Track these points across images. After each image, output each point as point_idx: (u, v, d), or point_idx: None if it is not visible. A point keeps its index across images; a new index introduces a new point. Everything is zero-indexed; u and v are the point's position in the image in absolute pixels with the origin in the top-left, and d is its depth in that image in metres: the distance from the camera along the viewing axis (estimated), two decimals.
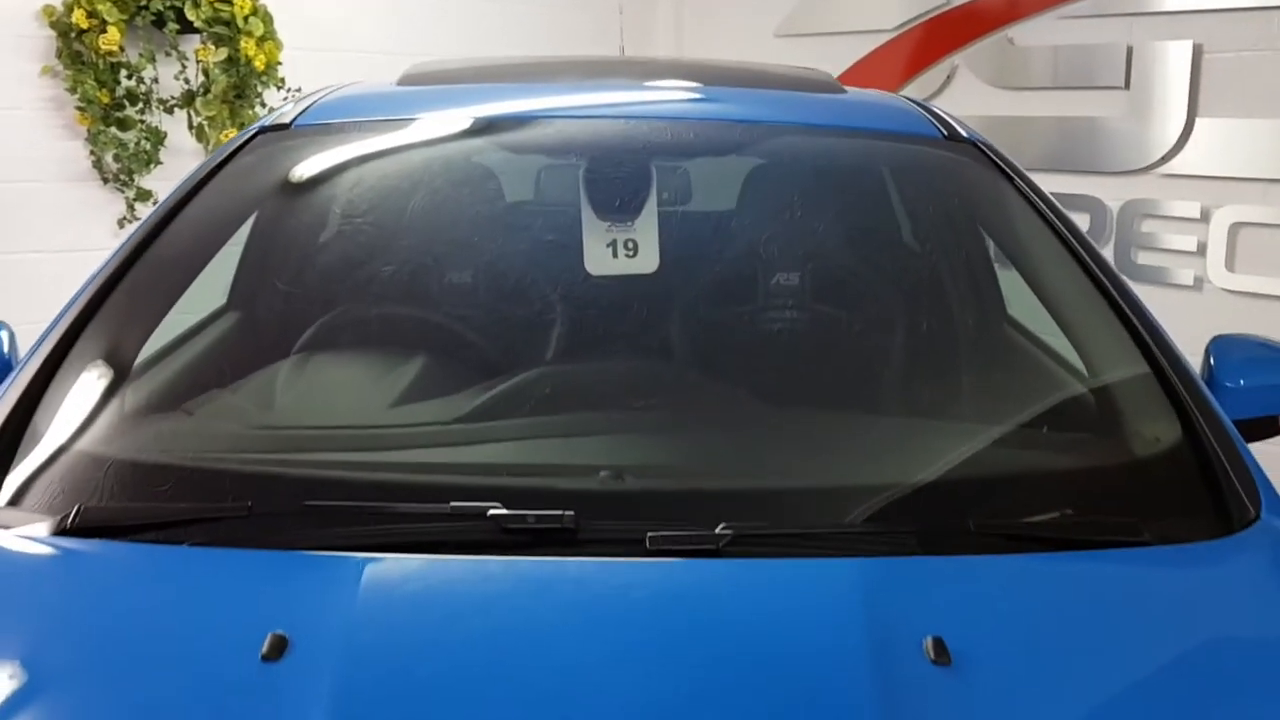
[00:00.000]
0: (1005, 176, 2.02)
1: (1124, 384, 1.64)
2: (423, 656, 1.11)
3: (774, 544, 1.28)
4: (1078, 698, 1.11)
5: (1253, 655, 1.21)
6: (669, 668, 1.11)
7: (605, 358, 1.75)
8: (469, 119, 2.05)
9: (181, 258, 1.87)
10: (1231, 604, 1.28)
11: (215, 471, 1.44)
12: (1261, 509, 1.42)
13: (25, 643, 1.17)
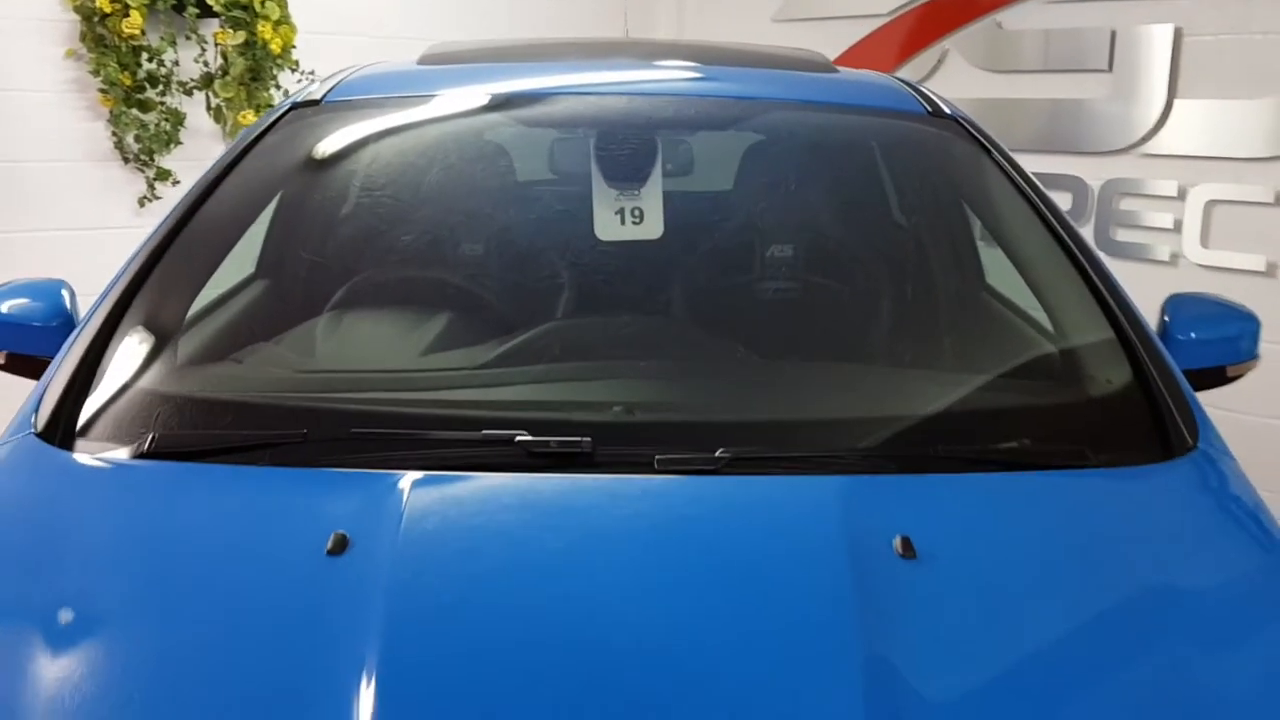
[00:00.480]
0: (985, 151, 2.19)
1: (1084, 334, 1.82)
2: (462, 552, 1.29)
3: (765, 465, 1.46)
4: (1025, 586, 1.29)
5: (1175, 551, 1.40)
6: (674, 564, 1.29)
7: (617, 311, 1.93)
8: (486, 95, 2.22)
9: (225, 222, 2.03)
10: (1161, 513, 1.47)
11: (272, 406, 1.62)
12: (1199, 441, 1.60)
13: (118, 544, 1.36)
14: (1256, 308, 3.90)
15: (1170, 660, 1.22)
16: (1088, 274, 1.89)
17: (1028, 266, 2.01)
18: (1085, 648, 1.22)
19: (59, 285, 2.01)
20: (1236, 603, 1.33)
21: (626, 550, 1.31)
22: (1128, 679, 1.19)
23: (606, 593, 1.23)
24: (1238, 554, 1.42)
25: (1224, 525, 1.48)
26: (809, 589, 1.23)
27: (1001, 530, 1.38)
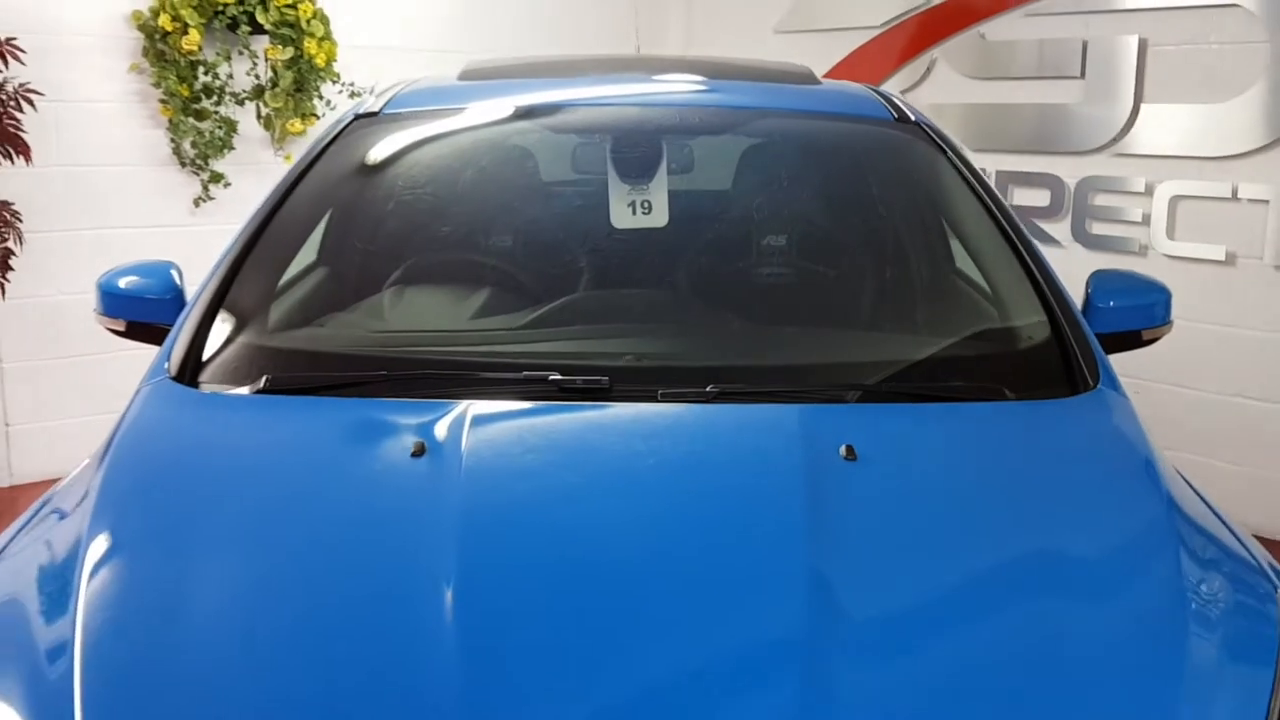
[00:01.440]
0: (940, 150, 2.58)
1: (1014, 300, 2.21)
2: (512, 453, 1.70)
3: (744, 398, 1.86)
4: (941, 480, 1.69)
5: (1065, 460, 1.80)
6: (673, 464, 1.70)
7: (629, 284, 2.35)
8: (519, 107, 2.62)
9: (304, 214, 2.44)
10: (1058, 432, 1.86)
11: (357, 355, 2.04)
12: (1100, 383, 2.00)
13: (246, 453, 1.77)
14: (1217, 293, 4.29)
15: (1053, 535, 1.62)
16: (1020, 252, 2.28)
17: (973, 246, 2.41)
18: (985, 525, 1.61)
19: (169, 265, 2.42)
20: (1110, 497, 1.73)
21: (635, 457, 1.71)
22: (1017, 549, 1.59)
23: (618, 486, 1.64)
24: (1117, 464, 1.82)
25: (1108, 443, 1.87)
26: (774, 476, 1.64)
27: (927, 442, 1.78)
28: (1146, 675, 1.36)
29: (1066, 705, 1.31)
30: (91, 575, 1.47)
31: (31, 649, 1.37)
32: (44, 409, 4.80)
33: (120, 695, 1.31)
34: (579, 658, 1.33)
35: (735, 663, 1.33)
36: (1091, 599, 1.48)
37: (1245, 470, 4.38)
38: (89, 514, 1.59)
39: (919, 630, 1.41)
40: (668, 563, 1.49)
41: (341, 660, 1.34)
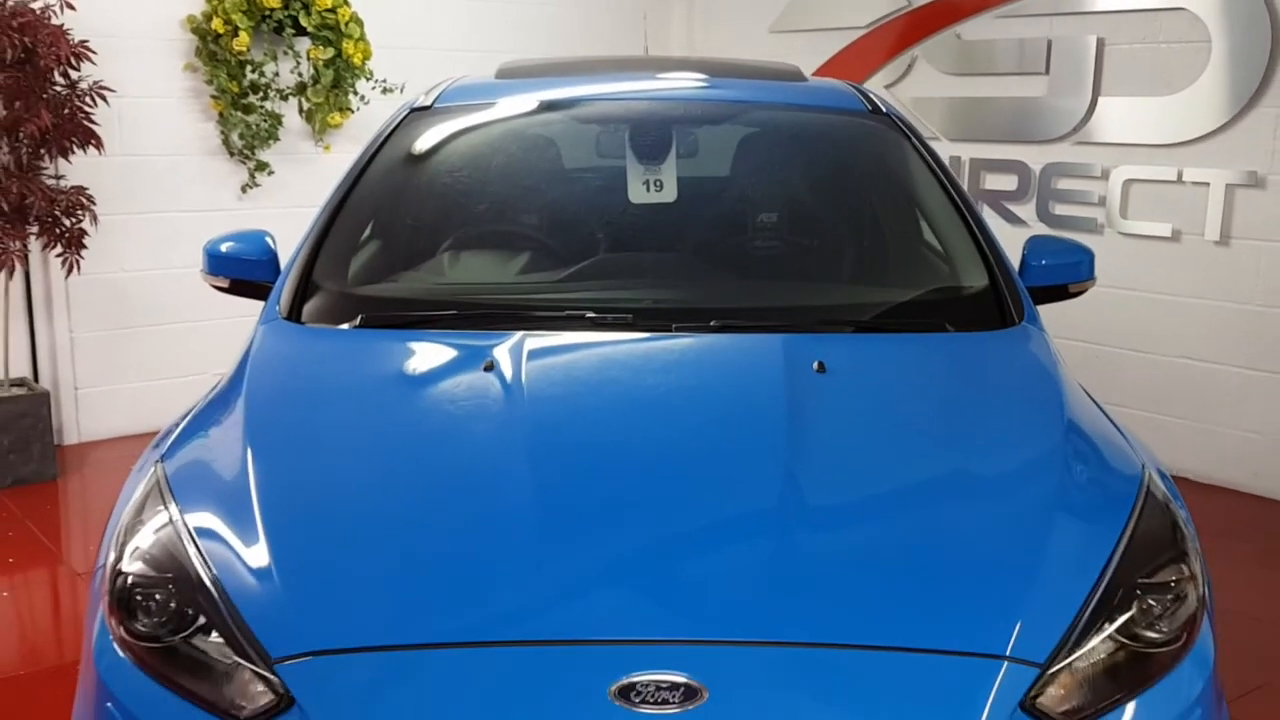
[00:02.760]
0: (906, 138, 3.07)
1: (961, 258, 2.71)
2: (560, 367, 2.21)
3: (739, 329, 2.36)
4: (891, 385, 2.20)
5: (988, 373, 2.31)
6: (684, 374, 2.21)
7: (645, 246, 2.85)
8: (550, 101, 3.12)
9: (373, 191, 2.93)
10: (986, 353, 2.37)
11: (429, 300, 2.55)
12: (1024, 319, 2.50)
13: (349, 371, 2.27)
14: (1164, 265, 4.77)
15: (973, 421, 2.13)
16: (967, 221, 2.78)
17: (930, 216, 2.90)
18: (921, 411, 2.13)
19: (264, 233, 2.91)
20: (1019, 395, 2.24)
21: (655, 369, 2.22)
22: (945, 428, 2.10)
23: (642, 389, 2.15)
24: (1027, 374, 2.33)
25: (1022, 360, 2.37)
26: (761, 382, 2.14)
27: (880, 359, 2.29)
28: (1034, 505, 1.87)
29: (973, 526, 1.82)
30: (252, 440, 1.98)
31: (221, 486, 1.89)
32: (108, 375, 5.30)
33: (286, 509, 1.82)
34: (618, 499, 1.83)
35: (728, 500, 1.83)
36: (998, 460, 1.99)
37: (1189, 423, 4.89)
38: (243, 407, 2.09)
39: (867, 485, 1.91)
40: (681, 439, 1.99)
41: (447, 494, 1.85)
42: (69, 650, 3.47)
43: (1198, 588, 1.82)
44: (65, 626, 3.65)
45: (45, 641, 3.58)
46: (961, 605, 1.67)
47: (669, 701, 1.50)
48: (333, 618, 1.64)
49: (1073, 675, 1.63)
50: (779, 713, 1.53)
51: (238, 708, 1.60)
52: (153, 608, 1.74)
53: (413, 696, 1.55)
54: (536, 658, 1.58)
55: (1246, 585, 3.89)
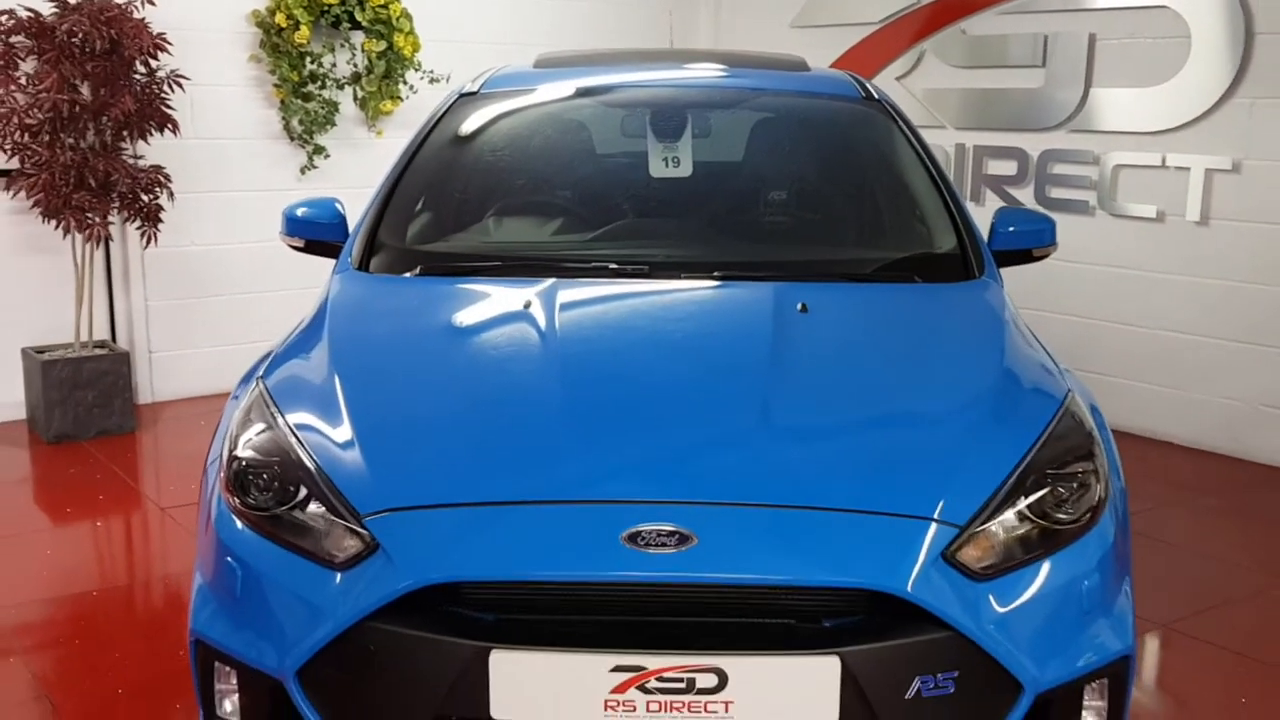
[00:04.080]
0: (895, 123, 3.49)
1: (936, 226, 3.14)
2: (588, 305, 2.65)
3: (740, 279, 2.80)
4: (864, 323, 2.64)
5: (949, 314, 2.74)
6: (691, 310, 2.66)
7: (663, 214, 3.30)
8: (582, 88, 3.56)
9: (428, 166, 3.38)
10: (945, 298, 2.80)
11: (479, 254, 3.01)
12: (984, 274, 2.93)
13: (419, 302, 2.74)
14: (1149, 244, 5.15)
15: (929, 346, 2.57)
16: (943, 193, 3.20)
17: (911, 191, 3.32)
18: (886, 336, 2.58)
19: (334, 200, 3.36)
20: (970, 328, 2.67)
21: (664, 309, 2.67)
22: (906, 347, 2.55)
23: (655, 321, 2.60)
24: (979, 313, 2.75)
25: (977, 303, 2.79)
26: (753, 317, 2.58)
27: (855, 302, 2.72)
28: (968, 410, 2.30)
29: (916, 424, 2.26)
30: (336, 359, 2.44)
31: (312, 392, 2.35)
32: (180, 340, 5.81)
33: (366, 407, 2.27)
34: (631, 398, 2.28)
35: (719, 401, 2.27)
36: (942, 377, 2.43)
37: (1172, 392, 5.27)
38: (327, 336, 2.56)
39: (832, 392, 2.35)
40: (683, 357, 2.44)
41: (494, 396, 2.30)
42: (157, 566, 3.97)
43: (1101, 481, 2.24)
44: (153, 548, 4.15)
45: (137, 560, 4.08)
46: (900, 481, 2.10)
47: (666, 545, 1.95)
48: (406, 484, 2.10)
49: (987, 538, 2.06)
50: (751, 555, 1.97)
51: (333, 556, 2.05)
52: (262, 484, 2.20)
53: (470, 538, 2.00)
54: (567, 513, 2.04)
55: (1211, 532, 4.29)
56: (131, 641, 3.37)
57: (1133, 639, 2.23)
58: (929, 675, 1.95)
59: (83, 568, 3.88)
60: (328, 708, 2.03)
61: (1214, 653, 3.29)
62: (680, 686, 1.92)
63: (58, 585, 3.68)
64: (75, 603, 3.56)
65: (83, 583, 3.72)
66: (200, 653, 2.25)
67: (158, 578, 3.83)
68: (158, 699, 3.00)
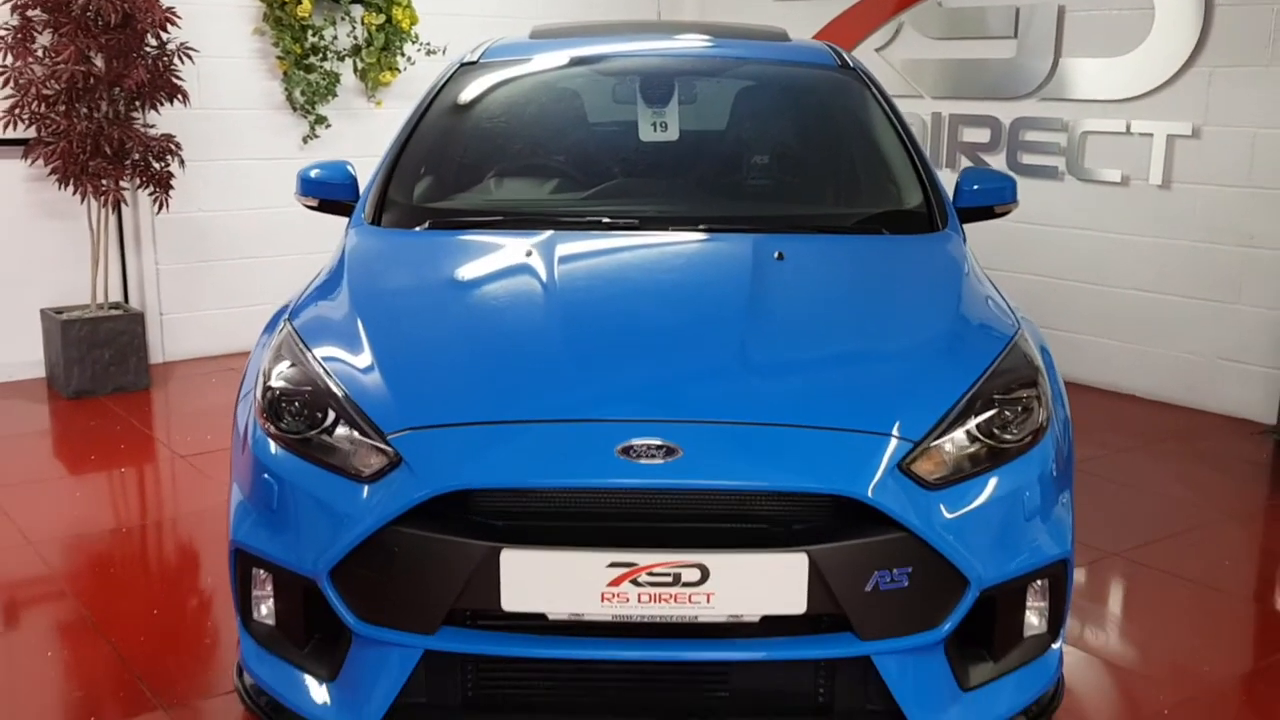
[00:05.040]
0: (869, 89, 3.74)
1: (905, 184, 3.40)
2: (584, 252, 2.91)
3: (723, 231, 3.06)
4: (834, 268, 2.91)
5: (912, 260, 3.01)
6: (677, 257, 2.92)
7: (651, 174, 3.55)
8: (576, 57, 3.81)
9: (432, 131, 3.63)
10: (910, 247, 3.07)
11: (482, 209, 3.27)
12: (947, 227, 3.20)
13: (430, 251, 3.00)
14: (1115, 207, 5.41)
15: (893, 285, 2.85)
16: (912, 156, 3.46)
17: (883, 152, 3.58)
18: (855, 278, 2.85)
19: (345, 163, 3.60)
20: (931, 270, 2.94)
21: (653, 256, 2.93)
22: (872, 285, 2.83)
23: (644, 266, 2.87)
24: (940, 259, 3.02)
25: (938, 252, 3.06)
26: (734, 263, 2.85)
27: (827, 251, 2.99)
28: (925, 342, 2.58)
29: (877, 353, 2.54)
30: (356, 300, 2.70)
31: (336, 329, 2.61)
32: (189, 302, 6.06)
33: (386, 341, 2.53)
34: (623, 331, 2.56)
35: (701, 334, 2.54)
36: (903, 314, 2.71)
37: (1136, 347, 5.56)
38: (346, 281, 2.82)
39: (803, 326, 2.63)
40: (670, 296, 2.72)
41: (500, 330, 2.58)
42: (180, 505, 4.23)
43: (1043, 407, 2.51)
44: (174, 490, 4.41)
45: (161, 500, 4.35)
46: (863, 403, 2.37)
47: (655, 456, 2.22)
48: (425, 406, 2.36)
49: (939, 453, 2.33)
50: (730, 465, 2.24)
51: (360, 471, 2.32)
52: (294, 411, 2.46)
53: (482, 452, 2.27)
54: (568, 430, 2.30)
55: (1166, 474, 4.58)
56: (162, 569, 3.64)
57: (1070, 546, 2.51)
58: (886, 570, 2.23)
59: (109, 507, 4.15)
60: (357, 603, 2.30)
61: (1161, 576, 3.59)
62: (667, 580, 2.19)
63: (88, 523, 3.95)
64: (105, 538, 3.83)
65: (110, 520, 3.99)
66: (240, 561, 2.51)
67: (181, 514, 4.10)
68: (191, 616, 3.28)
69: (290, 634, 2.50)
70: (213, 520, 3.89)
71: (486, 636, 2.28)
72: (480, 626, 2.28)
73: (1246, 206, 5.09)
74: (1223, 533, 4.00)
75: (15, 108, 5.08)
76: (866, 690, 2.35)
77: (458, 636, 2.27)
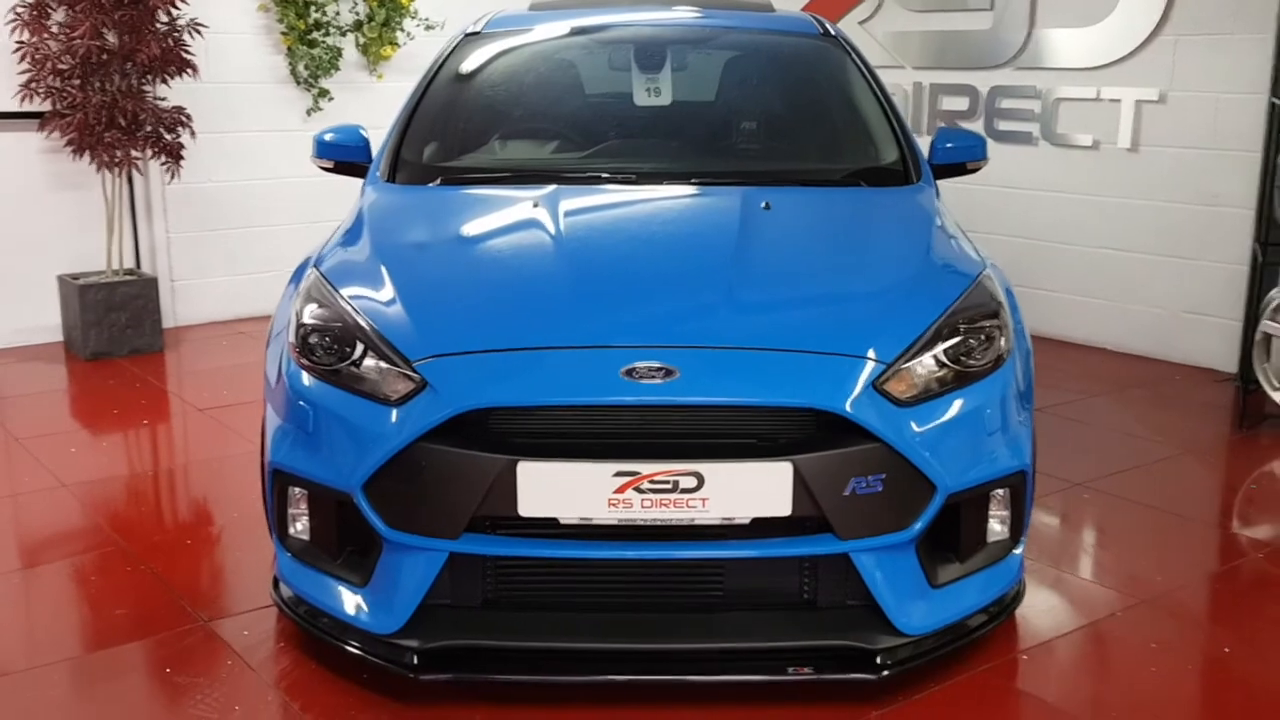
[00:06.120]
0: (849, 56, 3.99)
1: (882, 143, 3.66)
2: (586, 202, 3.17)
3: (713, 184, 3.31)
4: (818, 215, 3.17)
5: (888, 208, 3.28)
6: (672, 207, 3.19)
7: (647, 135, 3.81)
8: (574, 27, 4.05)
9: (439, 97, 3.87)
10: (888, 199, 3.33)
11: (491, 167, 3.52)
12: (921, 180, 3.46)
13: (444, 204, 3.25)
14: (1087, 170, 5.68)
15: (869, 229, 3.13)
16: (889, 117, 3.72)
17: (862, 113, 3.84)
18: (835, 224, 3.12)
19: (359, 127, 3.84)
20: (905, 216, 3.21)
21: (650, 206, 3.19)
22: (850, 232, 3.10)
23: (642, 214, 3.14)
24: (913, 207, 3.28)
25: (911, 201, 3.32)
26: (724, 212, 3.11)
27: (811, 201, 3.25)
28: (897, 278, 2.84)
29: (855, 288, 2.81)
30: (377, 245, 2.96)
31: (361, 272, 2.86)
32: (199, 269, 6.29)
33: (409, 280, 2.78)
34: (625, 269, 2.82)
35: (695, 272, 2.80)
36: (878, 254, 2.98)
37: (1108, 303, 5.84)
38: (367, 230, 3.07)
39: (787, 264, 2.90)
40: (666, 240, 2.99)
41: (512, 267, 2.84)
42: (203, 450, 4.46)
43: (1005, 337, 2.78)
44: (196, 438, 4.65)
45: (186, 447, 4.59)
46: (841, 330, 2.64)
47: (655, 377, 2.48)
48: (447, 336, 2.61)
49: (910, 374, 2.59)
50: (723, 384, 2.51)
51: (388, 396, 2.57)
52: (325, 345, 2.71)
53: (501, 375, 2.53)
54: (577, 355, 2.56)
55: (1132, 416, 4.87)
56: (191, 506, 3.90)
57: (1028, 461, 2.78)
58: (861, 477, 2.49)
59: (135, 454, 4.40)
60: (387, 513, 2.55)
61: (1123, 503, 3.86)
62: (667, 487, 2.45)
63: (116, 467, 4.19)
64: (135, 480, 4.08)
65: (138, 465, 4.24)
66: (277, 481, 2.77)
67: (204, 459, 4.34)
68: (223, 545, 3.54)
69: (324, 547, 2.76)
70: (234, 465, 4.14)
71: (504, 541, 2.54)
72: (499, 532, 2.55)
73: (1210, 168, 5.36)
74: (1183, 466, 4.29)
75: (32, 82, 5.29)
76: (846, 587, 2.62)
77: (479, 541, 2.53)
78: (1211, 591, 3.30)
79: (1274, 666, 2.87)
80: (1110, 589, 3.24)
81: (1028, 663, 2.84)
